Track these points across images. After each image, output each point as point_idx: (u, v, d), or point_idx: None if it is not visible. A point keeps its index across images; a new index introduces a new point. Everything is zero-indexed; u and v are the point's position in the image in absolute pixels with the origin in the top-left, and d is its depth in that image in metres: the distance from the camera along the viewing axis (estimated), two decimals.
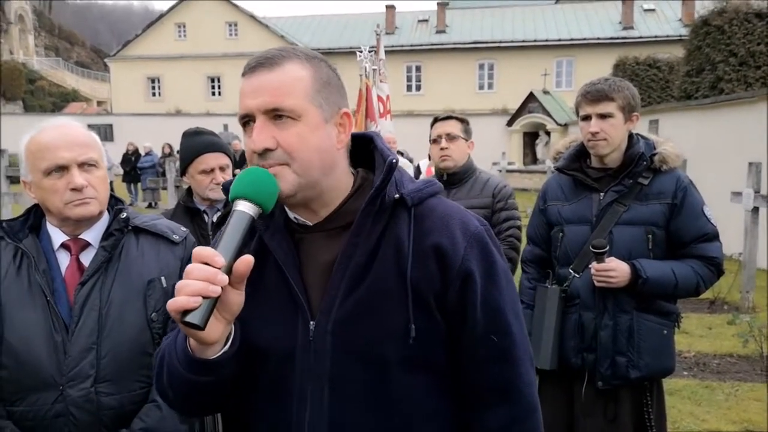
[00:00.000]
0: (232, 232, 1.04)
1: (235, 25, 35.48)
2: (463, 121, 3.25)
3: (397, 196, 1.14)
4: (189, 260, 1.80)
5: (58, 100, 43.72)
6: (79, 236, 1.68)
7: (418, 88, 34.54)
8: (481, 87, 33.98)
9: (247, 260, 1.02)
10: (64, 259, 1.67)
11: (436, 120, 3.31)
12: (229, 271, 1.01)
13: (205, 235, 2.61)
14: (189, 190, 2.72)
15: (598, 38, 31.73)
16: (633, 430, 2.41)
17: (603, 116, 2.35)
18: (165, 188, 12.49)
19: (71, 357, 1.57)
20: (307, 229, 1.19)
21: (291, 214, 1.19)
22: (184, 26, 35.86)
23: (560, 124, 24.33)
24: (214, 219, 2.66)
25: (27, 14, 50.94)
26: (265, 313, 1.16)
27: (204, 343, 1.05)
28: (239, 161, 15.18)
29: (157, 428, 1.63)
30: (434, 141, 3.24)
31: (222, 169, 2.60)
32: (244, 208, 1.06)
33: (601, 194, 2.40)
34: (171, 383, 1.15)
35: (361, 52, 7.21)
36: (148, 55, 36.02)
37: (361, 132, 1.28)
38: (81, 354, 1.58)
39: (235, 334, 1.11)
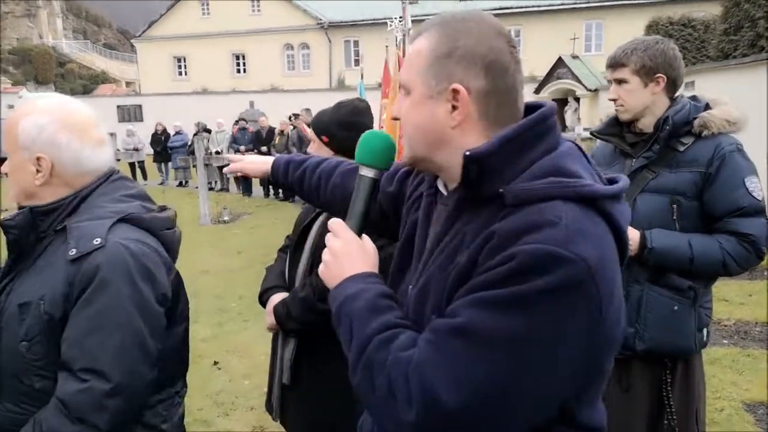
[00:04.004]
0: (356, 195, 1.23)
1: (258, 0, 35.35)
2: None
3: (501, 190, 1.01)
4: (84, 289, 1.43)
5: (88, 83, 44.30)
6: None
7: None
8: None
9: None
10: None
11: None
12: (359, 228, 1.21)
13: None
14: None
15: None
16: (649, 406, 2.32)
17: (619, 82, 2.29)
18: (195, 166, 12.58)
19: None
20: (441, 197, 1.19)
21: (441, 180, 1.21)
22: (208, 4, 35.70)
23: (590, 90, 23.75)
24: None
25: None
26: (404, 261, 1.27)
27: None
28: (266, 137, 15.25)
29: None
30: None
31: None
32: (363, 172, 1.23)
33: (633, 160, 2.30)
34: None
35: (392, 22, 7.09)
36: (173, 35, 36.02)
37: (536, 103, 1.14)
38: None
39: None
